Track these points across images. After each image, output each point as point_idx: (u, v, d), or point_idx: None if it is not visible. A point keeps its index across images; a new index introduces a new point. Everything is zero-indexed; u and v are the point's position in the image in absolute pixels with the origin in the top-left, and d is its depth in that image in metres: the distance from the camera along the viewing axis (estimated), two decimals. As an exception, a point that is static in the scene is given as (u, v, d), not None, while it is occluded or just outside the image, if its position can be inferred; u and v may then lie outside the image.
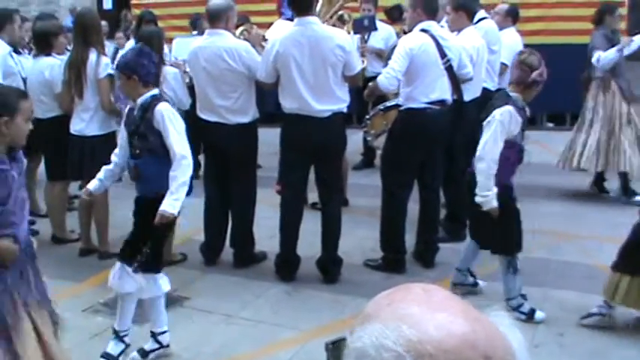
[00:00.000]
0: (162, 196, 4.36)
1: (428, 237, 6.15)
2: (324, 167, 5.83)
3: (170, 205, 4.35)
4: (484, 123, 4.92)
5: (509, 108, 4.82)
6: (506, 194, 4.97)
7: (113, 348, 4.60)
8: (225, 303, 5.52)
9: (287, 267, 5.94)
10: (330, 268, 5.88)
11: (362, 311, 0.99)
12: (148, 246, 4.47)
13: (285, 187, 5.87)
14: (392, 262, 5.99)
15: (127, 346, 4.65)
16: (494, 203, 4.86)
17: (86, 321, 5.24)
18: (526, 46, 7.84)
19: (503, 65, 7.35)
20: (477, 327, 0.92)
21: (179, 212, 4.49)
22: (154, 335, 4.72)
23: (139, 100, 4.51)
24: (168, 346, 4.77)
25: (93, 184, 4.76)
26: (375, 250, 6.14)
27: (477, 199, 4.90)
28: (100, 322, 5.25)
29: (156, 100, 4.49)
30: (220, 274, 6.12)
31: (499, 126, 4.81)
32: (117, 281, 4.53)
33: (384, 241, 6.07)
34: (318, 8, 6.15)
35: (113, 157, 4.78)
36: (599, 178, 8.15)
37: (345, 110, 5.81)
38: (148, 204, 4.50)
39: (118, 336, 4.61)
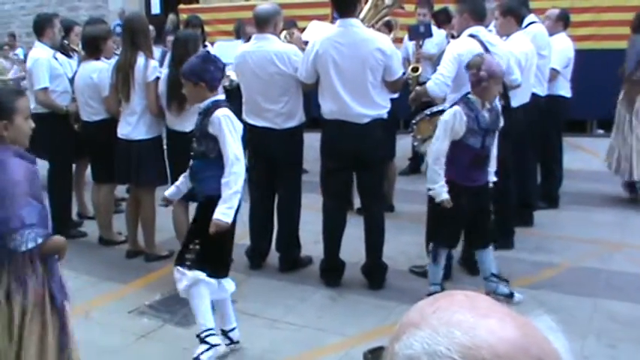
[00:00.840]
0: (212, 199, 4.41)
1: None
2: (364, 174, 5.80)
3: (224, 214, 4.36)
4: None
5: (455, 109, 5.08)
6: (452, 191, 5.14)
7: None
8: (270, 307, 5.52)
9: (331, 272, 5.92)
10: (374, 274, 5.84)
11: (404, 318, 0.98)
12: (196, 242, 4.51)
13: (326, 194, 5.87)
14: (438, 268, 5.93)
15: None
16: (444, 196, 5.13)
17: (132, 323, 5.30)
18: (577, 51, 7.78)
19: (554, 71, 7.26)
20: (528, 332, 0.92)
21: (234, 220, 4.51)
22: (224, 333, 4.78)
23: (202, 105, 4.57)
24: (238, 342, 4.84)
25: (169, 191, 4.84)
26: (421, 257, 6.07)
27: (429, 192, 5.28)
28: (146, 324, 5.30)
29: (216, 105, 4.51)
30: (266, 278, 6.12)
31: (442, 125, 5.13)
32: (180, 287, 4.57)
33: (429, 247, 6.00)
34: (364, 13, 6.15)
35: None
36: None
37: (385, 117, 5.76)
38: (199, 206, 4.61)
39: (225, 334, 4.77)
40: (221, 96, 4.66)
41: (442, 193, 5.15)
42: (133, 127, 6.28)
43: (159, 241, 6.62)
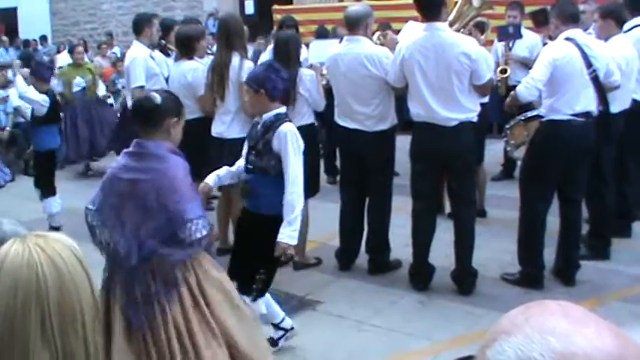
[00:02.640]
0: (271, 218, 4.37)
1: (568, 253, 5.90)
2: (453, 177, 5.75)
3: (289, 236, 4.33)
4: None
5: None
6: None
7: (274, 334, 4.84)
8: (357, 309, 5.52)
9: (421, 276, 5.88)
10: (464, 279, 5.77)
11: (494, 326, 0.98)
12: (262, 272, 4.50)
13: (415, 198, 5.83)
14: (530, 277, 5.81)
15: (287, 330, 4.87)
16: None
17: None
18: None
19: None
20: (624, 342, 0.91)
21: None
22: (275, 326, 4.83)
23: (264, 117, 4.53)
24: (292, 328, 4.87)
25: (211, 179, 4.73)
26: (512, 264, 5.98)
27: None
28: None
29: (279, 120, 4.48)
30: (354, 279, 6.13)
31: None
32: None
33: (521, 255, 5.89)
34: (452, 15, 6.08)
35: (238, 162, 4.81)
36: None
37: (474, 120, 5.68)
38: (256, 223, 4.53)
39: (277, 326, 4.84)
40: (282, 109, 4.60)
41: None
42: (227, 126, 6.37)
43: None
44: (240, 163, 4.78)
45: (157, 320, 3.43)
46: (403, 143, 6.24)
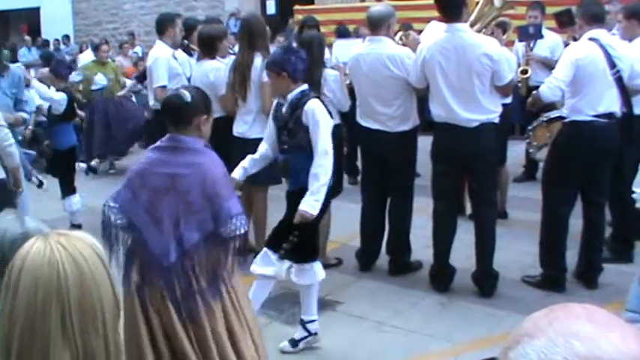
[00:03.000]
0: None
1: (591, 256, 5.86)
2: (474, 178, 5.73)
3: (310, 205, 4.41)
4: None
5: None
6: None
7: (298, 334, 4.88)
8: (377, 310, 5.51)
9: (441, 278, 5.86)
10: (484, 281, 5.75)
11: (517, 328, 0.97)
12: (295, 234, 4.55)
13: (436, 199, 5.81)
14: (551, 279, 5.77)
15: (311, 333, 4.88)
16: None
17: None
18: None
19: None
20: None
21: (321, 212, 4.55)
22: (302, 323, 4.83)
23: (289, 97, 4.60)
24: (316, 334, 4.88)
25: (238, 172, 4.78)
26: (534, 266, 5.94)
27: None
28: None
29: (305, 96, 4.56)
30: (375, 280, 6.12)
31: None
32: (256, 265, 4.71)
33: (543, 257, 5.85)
34: (474, 16, 6.05)
35: (260, 147, 4.88)
36: None
37: (496, 121, 5.66)
38: (295, 198, 4.59)
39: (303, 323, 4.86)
40: (305, 85, 4.66)
41: None
42: (249, 125, 6.38)
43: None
44: (262, 148, 4.86)
45: (200, 315, 3.44)
46: (424, 144, 6.22)
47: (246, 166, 4.83)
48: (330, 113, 4.70)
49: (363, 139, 6.26)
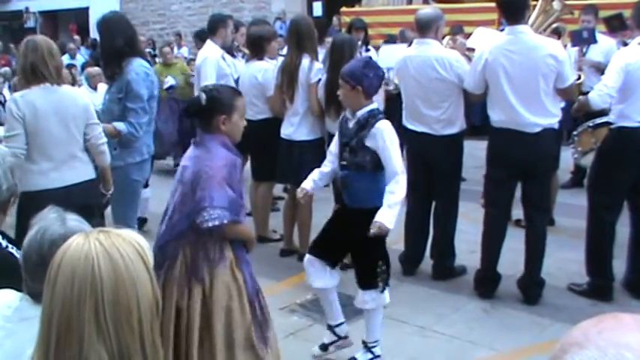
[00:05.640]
0: (367, 210, 4.35)
1: (639, 265, 5.77)
2: (530, 185, 5.62)
3: (388, 220, 4.32)
4: None
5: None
6: None
7: (361, 356, 4.77)
8: (420, 314, 5.48)
9: (486, 284, 5.80)
10: (531, 288, 5.67)
11: (565, 338, 0.95)
12: (384, 264, 4.55)
13: (490, 204, 5.75)
14: (598, 288, 5.69)
15: (340, 337, 4.84)
16: None
17: (282, 319, 5.34)
18: None
19: None
20: None
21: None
22: (366, 345, 4.75)
23: (358, 114, 4.50)
24: (346, 337, 4.85)
25: (308, 184, 4.78)
26: (579, 274, 5.86)
27: None
28: (295, 322, 5.41)
29: (373, 117, 4.47)
30: (418, 284, 6.09)
31: None
32: (369, 306, 4.67)
33: (589, 265, 5.77)
34: (532, 19, 5.99)
35: (327, 159, 4.84)
36: None
37: (556, 127, 5.59)
38: (356, 217, 4.50)
39: (366, 346, 4.75)
40: (374, 104, 4.59)
41: None
42: (295, 127, 6.40)
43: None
44: (329, 160, 4.82)
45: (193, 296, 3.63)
46: (470, 148, 6.18)
47: (315, 178, 4.81)
48: None
49: (409, 141, 6.23)
